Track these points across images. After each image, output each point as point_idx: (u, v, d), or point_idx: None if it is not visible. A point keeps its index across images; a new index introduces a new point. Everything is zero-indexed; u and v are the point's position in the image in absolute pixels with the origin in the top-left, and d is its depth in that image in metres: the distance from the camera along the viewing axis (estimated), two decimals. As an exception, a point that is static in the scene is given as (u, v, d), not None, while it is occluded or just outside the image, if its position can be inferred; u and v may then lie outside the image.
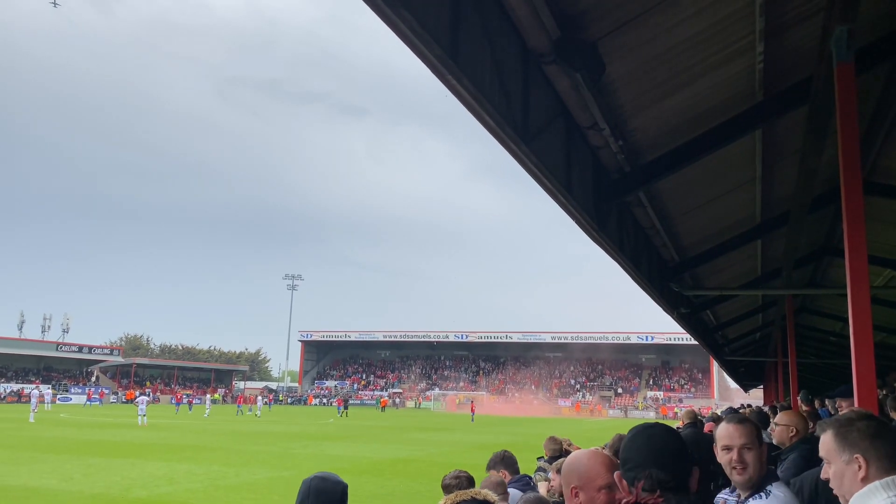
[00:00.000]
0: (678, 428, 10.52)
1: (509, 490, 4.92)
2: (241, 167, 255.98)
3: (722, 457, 2.77)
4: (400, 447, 25.95)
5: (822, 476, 2.04)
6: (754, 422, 2.88)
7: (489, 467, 5.24)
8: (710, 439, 7.53)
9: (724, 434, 2.78)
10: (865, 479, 1.91)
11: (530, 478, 5.28)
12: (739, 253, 10.12)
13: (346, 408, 59.38)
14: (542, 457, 7.23)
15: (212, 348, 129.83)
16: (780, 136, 6.36)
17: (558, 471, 4.94)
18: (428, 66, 3.11)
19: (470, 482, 4.40)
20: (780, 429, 4.58)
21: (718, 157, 6.33)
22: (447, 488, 4.44)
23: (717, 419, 12.88)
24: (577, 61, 3.82)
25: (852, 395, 3.84)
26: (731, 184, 7.64)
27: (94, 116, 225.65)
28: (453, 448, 26.39)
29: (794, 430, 4.61)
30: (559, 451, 6.97)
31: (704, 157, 6.03)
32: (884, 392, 10.42)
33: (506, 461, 5.31)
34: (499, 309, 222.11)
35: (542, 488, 5.06)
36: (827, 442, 2.04)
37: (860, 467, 1.97)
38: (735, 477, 2.71)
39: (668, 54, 4.61)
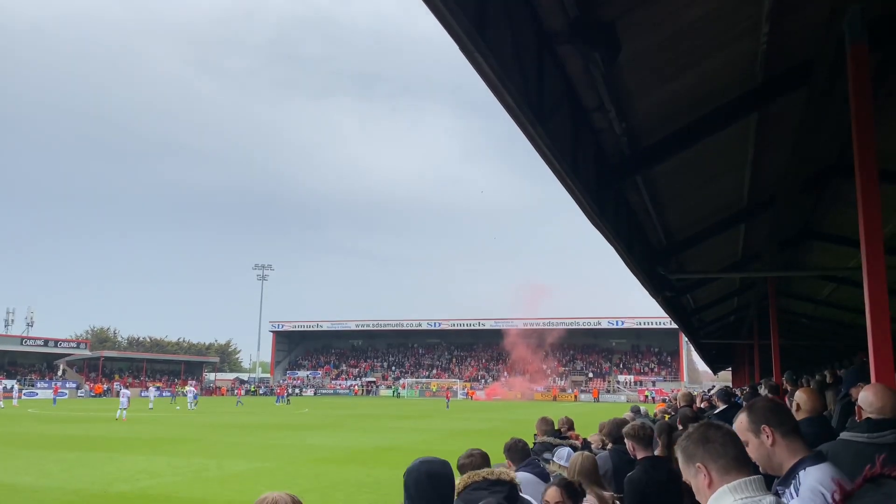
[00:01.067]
0: (674, 410, 10.67)
1: (520, 473, 4.91)
2: (219, 147, 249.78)
3: None
4: (380, 435, 25.94)
5: None
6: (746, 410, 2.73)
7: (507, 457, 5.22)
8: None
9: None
10: (712, 486, 1.97)
11: (538, 460, 5.28)
12: (723, 237, 10.23)
13: (287, 397, 59.49)
14: (535, 441, 7.23)
15: (181, 340, 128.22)
16: (774, 120, 6.41)
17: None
18: (458, 43, 3.04)
19: (484, 460, 4.34)
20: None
21: (713, 140, 6.36)
22: (462, 468, 4.40)
23: (692, 400, 13.07)
24: (596, 40, 3.77)
25: (859, 381, 3.88)
26: (722, 167, 7.69)
27: (56, 91, 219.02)
28: (433, 435, 26.46)
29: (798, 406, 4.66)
30: (552, 432, 6.99)
31: (702, 140, 6.05)
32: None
33: (512, 451, 5.26)
34: (484, 296, 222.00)
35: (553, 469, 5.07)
36: (741, 421, 2.30)
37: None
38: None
39: (677, 35, 4.59)
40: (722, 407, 9.62)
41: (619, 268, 9.64)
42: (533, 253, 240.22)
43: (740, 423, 2.32)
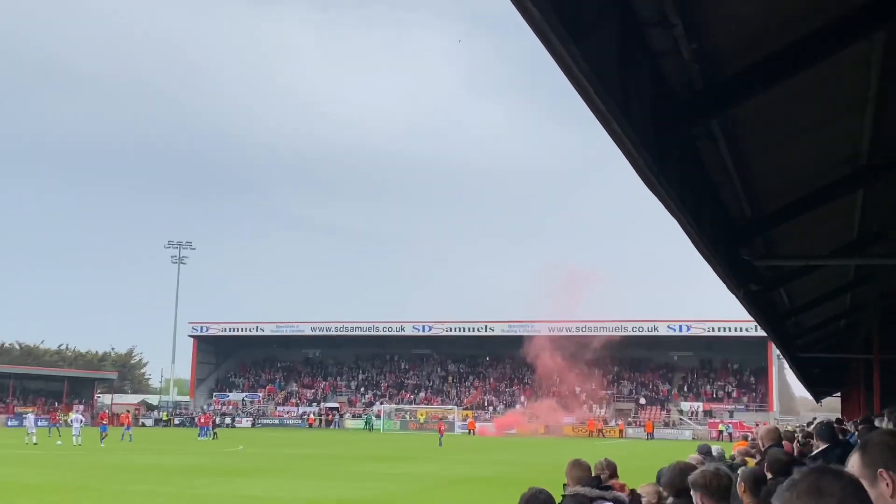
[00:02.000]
0: (760, 453, 10.76)
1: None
2: (113, 71, 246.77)
3: None
4: (345, 484, 26.10)
5: None
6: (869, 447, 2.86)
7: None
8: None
9: None
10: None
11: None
12: (831, 208, 10.24)
13: (214, 429, 60.82)
14: (564, 493, 7.31)
15: (63, 348, 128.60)
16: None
17: None
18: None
19: None
20: None
21: (821, 70, 6.35)
22: None
23: (790, 437, 13.22)
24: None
25: None
26: (833, 108, 7.69)
27: None
28: (420, 484, 26.64)
29: None
30: (588, 480, 7.05)
31: (806, 69, 6.04)
32: None
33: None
34: (494, 289, 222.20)
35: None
36: (854, 465, 2.36)
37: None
38: None
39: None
40: (822, 447, 9.71)
41: (685, 251, 9.65)
42: (563, 230, 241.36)
43: (852, 467, 2.34)
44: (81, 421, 51.15)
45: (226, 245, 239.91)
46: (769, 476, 6.41)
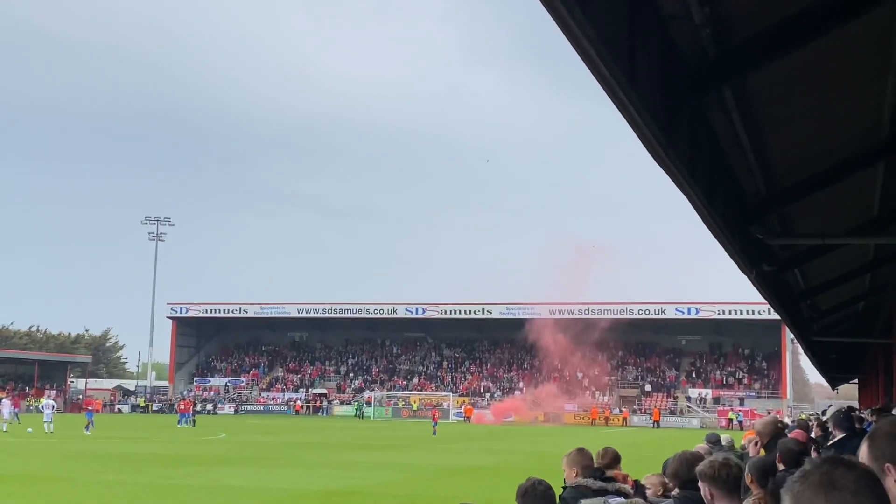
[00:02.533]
0: (754, 446, 10.80)
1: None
2: (90, 36, 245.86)
3: None
4: (333, 474, 26.21)
5: None
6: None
7: None
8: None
9: None
10: None
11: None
12: (850, 183, 10.24)
13: (193, 416, 61.20)
14: (565, 484, 7.35)
15: (34, 329, 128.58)
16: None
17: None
18: None
19: None
20: None
21: (841, 36, 6.33)
22: None
23: (806, 426, 13.28)
24: None
25: None
26: (854, 77, 7.67)
27: None
28: (412, 474, 26.76)
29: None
30: (590, 470, 7.09)
31: (825, 34, 6.02)
32: None
33: (528, 498, 5.35)
34: (493, 270, 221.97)
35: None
36: (862, 456, 2.36)
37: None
38: None
39: None
40: (839, 436, 9.75)
41: (695, 229, 9.64)
42: (567, 206, 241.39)
43: (862, 458, 2.35)
44: (53, 407, 51.19)
45: (207, 221, 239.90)
46: (781, 467, 6.44)
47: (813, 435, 12.93)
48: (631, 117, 5.42)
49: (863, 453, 2.37)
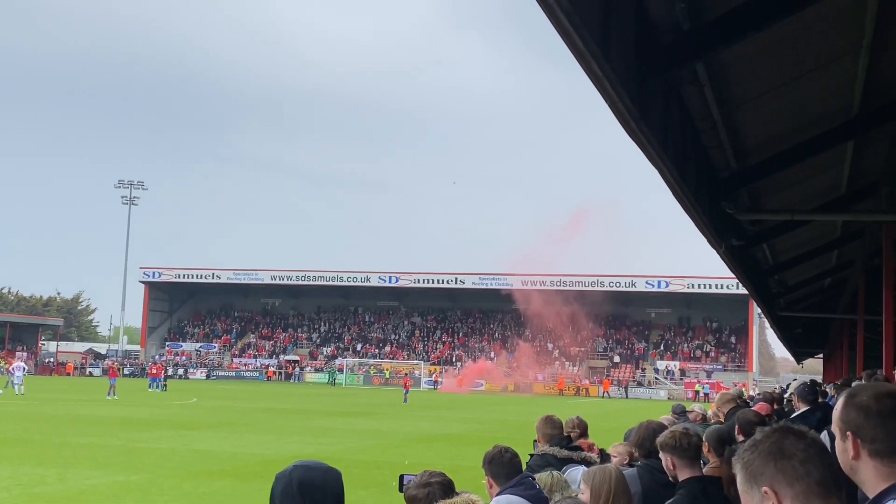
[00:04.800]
0: (715, 418, 10.93)
1: (504, 498, 5.04)
2: (79, 5, 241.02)
3: None
4: (303, 440, 26.29)
5: None
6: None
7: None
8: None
9: None
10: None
11: (532, 478, 5.40)
12: (820, 160, 10.33)
13: (164, 380, 60.96)
14: (533, 452, 7.40)
15: (4, 291, 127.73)
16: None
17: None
18: None
19: (445, 490, 4.47)
20: None
21: (814, 12, 6.35)
22: (413, 501, 4.51)
23: (770, 399, 13.43)
24: None
25: None
26: (826, 53, 7.71)
27: None
28: (382, 440, 26.90)
29: None
30: (559, 439, 7.14)
31: (798, 11, 6.04)
32: None
33: (495, 465, 5.38)
34: (470, 240, 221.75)
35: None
36: (837, 408, 2.33)
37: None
38: None
39: None
40: (803, 409, 9.88)
41: (665, 202, 9.68)
42: (548, 179, 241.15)
43: (835, 411, 2.36)
44: (24, 369, 50.95)
45: (181, 185, 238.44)
46: (740, 438, 6.52)
47: (776, 408, 13.09)
48: (604, 90, 5.42)
49: (836, 407, 2.37)
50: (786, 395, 19.50)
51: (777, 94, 8.36)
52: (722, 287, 77.39)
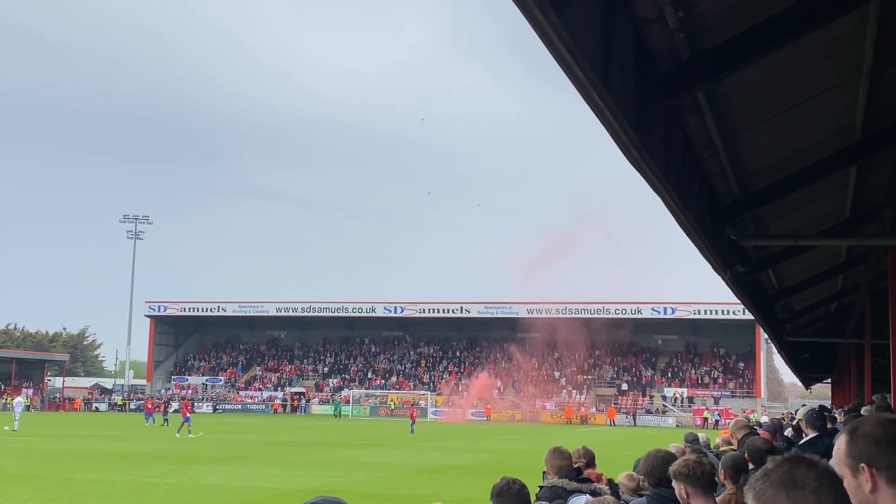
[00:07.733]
0: (725, 445, 10.87)
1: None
2: (71, 34, 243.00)
3: None
4: (311, 473, 26.16)
5: None
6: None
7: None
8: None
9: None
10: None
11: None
12: (823, 185, 10.34)
13: (166, 415, 60.95)
14: (542, 484, 7.37)
15: (10, 327, 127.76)
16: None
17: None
18: None
19: None
20: None
21: (815, 40, 6.38)
22: None
23: (773, 429, 13.36)
24: None
25: None
26: (824, 82, 7.74)
27: None
28: (390, 472, 26.75)
29: None
30: (568, 470, 7.11)
31: (799, 38, 6.07)
32: None
33: (503, 497, 5.36)
34: (472, 270, 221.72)
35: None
36: (839, 448, 2.37)
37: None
38: None
39: None
40: (811, 435, 9.81)
41: (670, 230, 9.69)
42: (549, 206, 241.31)
43: (837, 451, 2.37)
44: (22, 405, 51.30)
45: (185, 218, 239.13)
46: (750, 466, 6.49)
47: (787, 434, 13.02)
48: (605, 119, 5.44)
49: (840, 445, 2.39)
50: (792, 423, 19.38)
51: (778, 121, 8.37)
52: (728, 313, 77.23)
